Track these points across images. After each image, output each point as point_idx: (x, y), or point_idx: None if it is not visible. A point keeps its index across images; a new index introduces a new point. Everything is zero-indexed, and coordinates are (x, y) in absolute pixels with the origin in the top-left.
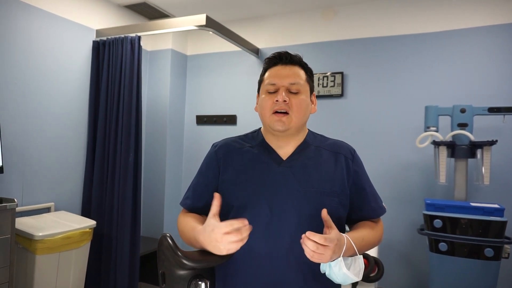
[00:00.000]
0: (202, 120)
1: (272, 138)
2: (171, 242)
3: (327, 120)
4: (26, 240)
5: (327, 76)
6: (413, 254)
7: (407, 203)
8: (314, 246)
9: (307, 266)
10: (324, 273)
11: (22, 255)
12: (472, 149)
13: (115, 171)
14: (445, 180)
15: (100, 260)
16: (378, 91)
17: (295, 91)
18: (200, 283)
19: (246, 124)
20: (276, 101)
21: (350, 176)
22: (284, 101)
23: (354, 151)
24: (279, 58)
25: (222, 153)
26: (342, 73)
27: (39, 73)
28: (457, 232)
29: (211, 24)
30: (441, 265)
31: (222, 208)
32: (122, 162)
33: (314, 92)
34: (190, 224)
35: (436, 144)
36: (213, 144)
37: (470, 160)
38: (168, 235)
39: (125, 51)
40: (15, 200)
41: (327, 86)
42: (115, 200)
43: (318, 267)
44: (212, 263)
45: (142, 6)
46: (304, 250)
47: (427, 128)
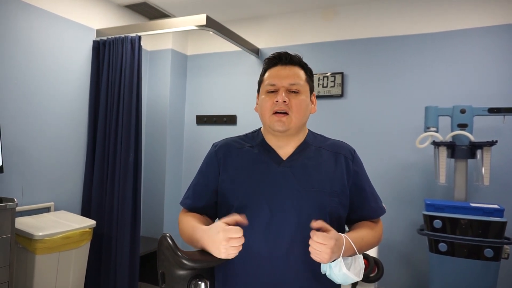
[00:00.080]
0: (202, 120)
1: (272, 138)
2: (171, 242)
3: (327, 120)
4: (26, 240)
5: (327, 76)
6: (413, 254)
7: (407, 203)
8: (311, 242)
9: (307, 266)
10: (325, 273)
11: (22, 255)
12: (472, 149)
13: (115, 171)
14: (445, 180)
15: (100, 260)
16: (378, 91)
17: (295, 91)
18: (200, 283)
19: (246, 124)
20: (276, 101)
21: (350, 176)
22: (284, 101)
23: (354, 151)
24: (278, 59)
25: (222, 153)
26: (342, 73)
27: (39, 73)
28: (457, 233)
29: (211, 24)
30: (441, 265)
31: (222, 208)
32: (122, 162)
33: (314, 92)
34: (191, 223)
35: (436, 144)
36: (213, 144)
37: (470, 160)
38: (168, 235)
39: (125, 51)
40: (15, 200)
41: (327, 86)
42: (115, 200)
43: (318, 267)
44: (212, 263)
45: (142, 6)
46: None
47: (427, 128)
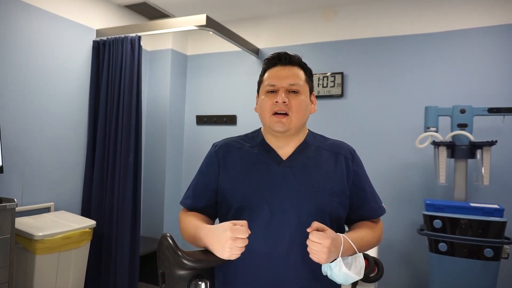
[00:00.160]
0: (202, 120)
1: (272, 138)
2: (171, 242)
3: (327, 120)
4: (26, 240)
5: (327, 76)
6: (413, 254)
7: (407, 203)
8: (308, 241)
9: (307, 266)
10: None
11: (22, 255)
12: (472, 149)
13: (115, 171)
14: (445, 180)
15: (100, 260)
16: (378, 91)
17: (294, 91)
18: (200, 283)
19: (246, 124)
20: (276, 102)
21: (350, 176)
22: (284, 102)
23: (354, 151)
24: (278, 59)
25: (222, 153)
26: (342, 73)
27: (39, 73)
28: (456, 233)
29: (211, 24)
30: (441, 265)
31: (222, 208)
32: (122, 162)
33: (313, 92)
34: (193, 222)
35: (436, 144)
36: (213, 144)
37: (470, 160)
38: (168, 235)
39: (125, 51)
40: (15, 200)
41: (327, 86)
42: (115, 200)
43: (318, 267)
44: (212, 263)
45: (142, 6)
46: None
47: (427, 128)
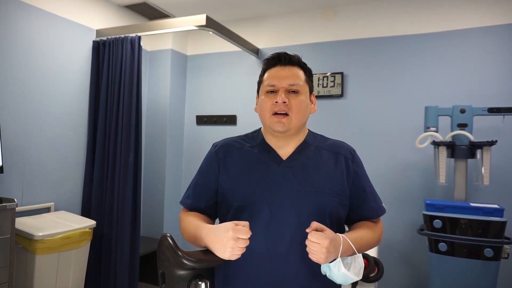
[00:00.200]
0: (202, 120)
1: (272, 138)
2: (171, 242)
3: (327, 120)
4: (26, 240)
5: (327, 76)
6: (413, 254)
7: (407, 203)
8: (307, 241)
9: (307, 265)
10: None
11: (22, 255)
12: (472, 149)
13: (115, 171)
14: (445, 180)
15: (100, 260)
16: (378, 91)
17: (294, 91)
18: (200, 283)
19: (246, 124)
20: (276, 102)
21: (350, 176)
22: (284, 102)
23: (354, 151)
24: (277, 59)
25: (222, 152)
26: (342, 73)
27: (39, 73)
28: (456, 233)
29: (211, 24)
30: (441, 265)
31: (222, 208)
32: (122, 162)
33: (313, 92)
34: (194, 221)
35: (436, 144)
36: (213, 144)
37: (470, 160)
38: (168, 235)
39: (125, 51)
40: (15, 200)
41: (327, 86)
42: (115, 200)
43: (318, 266)
44: (212, 263)
45: (142, 6)
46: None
47: (427, 128)
